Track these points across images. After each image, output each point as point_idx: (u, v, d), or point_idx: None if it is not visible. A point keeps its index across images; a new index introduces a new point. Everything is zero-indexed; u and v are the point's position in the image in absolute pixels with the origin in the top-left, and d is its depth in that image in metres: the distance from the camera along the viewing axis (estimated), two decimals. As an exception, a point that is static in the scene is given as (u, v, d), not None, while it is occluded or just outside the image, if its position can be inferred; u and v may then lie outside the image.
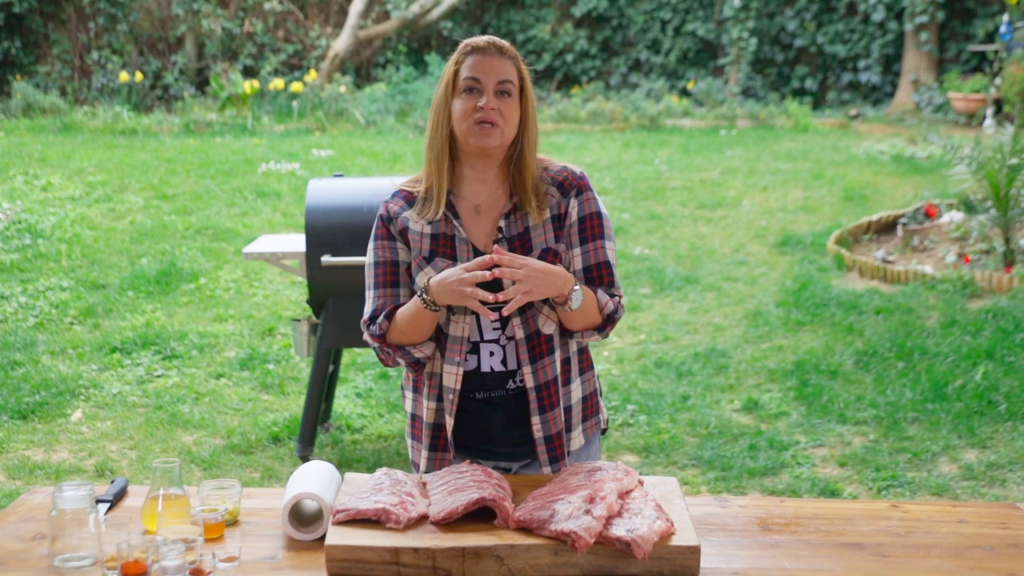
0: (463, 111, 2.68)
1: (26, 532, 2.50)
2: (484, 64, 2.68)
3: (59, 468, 5.25)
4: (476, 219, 2.76)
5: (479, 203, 2.76)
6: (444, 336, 2.74)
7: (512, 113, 2.70)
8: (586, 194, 2.78)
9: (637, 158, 12.50)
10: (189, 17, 17.56)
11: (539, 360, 2.75)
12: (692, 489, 4.98)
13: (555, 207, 2.76)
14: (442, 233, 2.74)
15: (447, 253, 2.73)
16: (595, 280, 2.76)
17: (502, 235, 2.73)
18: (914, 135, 13.03)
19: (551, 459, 2.81)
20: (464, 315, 2.72)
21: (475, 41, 2.72)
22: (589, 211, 2.77)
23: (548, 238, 2.75)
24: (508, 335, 2.74)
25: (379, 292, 2.76)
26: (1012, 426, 5.57)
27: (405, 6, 17.82)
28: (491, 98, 2.66)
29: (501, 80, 2.68)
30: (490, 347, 2.75)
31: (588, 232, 2.77)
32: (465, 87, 2.68)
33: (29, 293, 7.78)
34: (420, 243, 2.74)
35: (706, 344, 6.94)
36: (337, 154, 12.46)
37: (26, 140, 13.32)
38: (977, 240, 8.14)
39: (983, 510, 2.69)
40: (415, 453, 2.90)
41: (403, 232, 2.76)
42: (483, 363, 2.76)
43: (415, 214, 2.76)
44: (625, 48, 18.43)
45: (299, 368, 6.54)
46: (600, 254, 2.77)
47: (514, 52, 2.74)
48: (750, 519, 2.60)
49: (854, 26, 17.27)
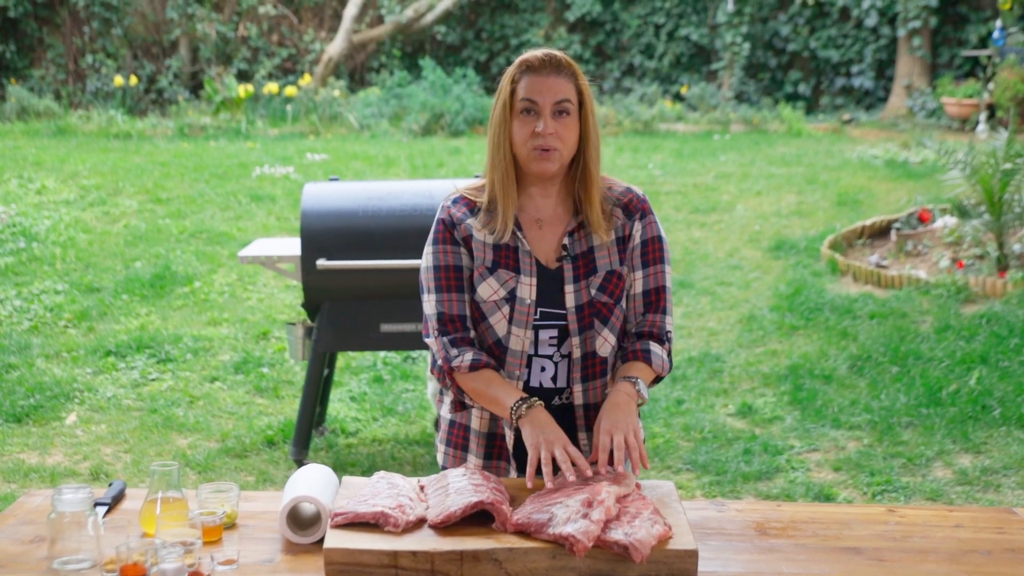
0: (522, 136, 2.65)
1: (25, 535, 2.50)
2: (540, 84, 2.63)
3: (54, 471, 5.24)
4: (539, 233, 2.73)
5: (541, 217, 2.74)
6: (503, 350, 2.71)
7: (570, 133, 2.66)
8: (649, 217, 2.78)
9: (631, 163, 12.52)
10: (183, 21, 17.55)
11: (591, 380, 2.74)
12: (687, 493, 4.99)
13: (620, 229, 2.75)
14: (505, 244, 2.72)
15: (510, 265, 2.70)
16: (652, 305, 2.76)
17: (567, 252, 2.71)
18: (907, 140, 13.07)
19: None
20: (524, 329, 2.69)
21: (531, 58, 2.66)
22: (652, 235, 2.78)
23: (612, 260, 2.74)
24: (564, 352, 2.73)
25: (443, 296, 2.72)
26: (1006, 431, 5.59)
27: (399, 10, 17.83)
28: (548, 122, 2.62)
29: (558, 100, 2.63)
30: (542, 362, 2.73)
31: (650, 256, 2.77)
32: (522, 108, 2.64)
33: (23, 296, 7.77)
34: (483, 252, 2.71)
35: (700, 348, 6.95)
36: (331, 158, 12.47)
37: (20, 144, 13.31)
38: (971, 245, 8.16)
39: (979, 515, 2.70)
40: (451, 461, 2.85)
41: (467, 239, 2.72)
42: (533, 377, 2.74)
43: (479, 224, 2.73)
44: (619, 53, 18.45)
45: (294, 372, 6.54)
46: (659, 279, 2.77)
47: (572, 66, 2.68)
48: (747, 523, 2.60)
49: (847, 31, 17.30)
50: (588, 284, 2.71)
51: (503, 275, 2.69)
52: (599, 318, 2.71)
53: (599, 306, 2.71)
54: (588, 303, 2.70)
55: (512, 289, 2.69)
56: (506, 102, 2.67)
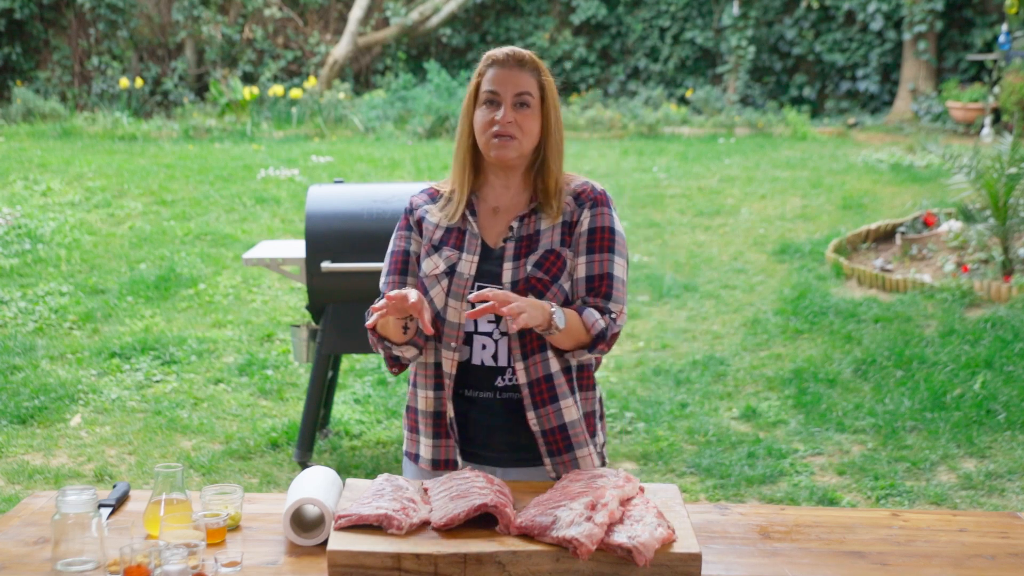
0: (482, 123, 2.76)
1: (29, 536, 2.51)
2: (503, 76, 2.75)
3: (58, 473, 5.25)
4: (493, 219, 2.83)
5: (499, 205, 2.84)
6: (442, 321, 2.77)
7: (531, 124, 2.76)
8: (601, 208, 2.81)
9: (635, 166, 12.52)
10: (189, 23, 17.57)
11: (530, 356, 2.75)
12: (690, 497, 4.98)
13: (568, 215, 2.81)
14: (456, 227, 2.82)
15: (456, 244, 2.80)
16: (595, 290, 2.76)
17: (512, 233, 2.79)
18: (913, 144, 13.05)
19: (551, 452, 2.78)
20: (461, 302, 2.75)
21: (496, 53, 2.80)
22: (601, 224, 2.79)
23: (554, 240, 2.78)
24: (502, 330, 2.77)
25: (389, 279, 2.84)
26: (1011, 435, 5.58)
27: (404, 13, 17.85)
28: (508, 111, 2.73)
29: (519, 92, 2.75)
30: (483, 340, 2.78)
31: (597, 244, 2.78)
32: (485, 99, 2.77)
33: (28, 298, 7.78)
34: (433, 232, 2.82)
35: (704, 352, 6.95)
36: (336, 160, 12.48)
37: (26, 145, 13.33)
38: (976, 249, 8.15)
39: (983, 519, 2.70)
40: (412, 444, 2.95)
41: (419, 222, 2.85)
42: (475, 355, 2.78)
43: (436, 209, 2.85)
44: (624, 56, 18.46)
45: (298, 374, 6.55)
46: (605, 266, 2.77)
47: (536, 62, 2.79)
48: (750, 527, 2.60)
49: (852, 35, 17.30)
50: (527, 261, 2.77)
51: (446, 252, 2.80)
52: (535, 293, 2.74)
53: (534, 282, 2.75)
54: (524, 279, 2.75)
55: (453, 264, 2.78)
56: (471, 94, 2.80)
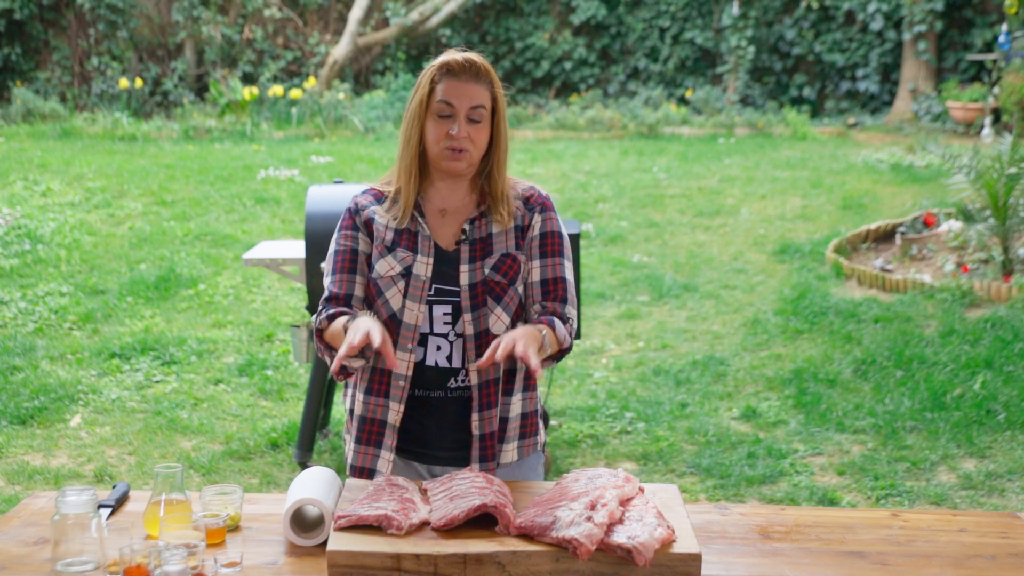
0: (436, 136, 2.74)
1: (29, 536, 2.51)
2: (458, 89, 2.73)
3: (58, 473, 5.25)
4: (441, 220, 2.83)
5: (446, 207, 2.84)
6: (398, 323, 2.77)
7: (482, 137, 2.76)
8: (549, 213, 2.87)
9: (635, 166, 12.52)
10: (189, 24, 17.57)
11: None
12: (690, 497, 4.98)
13: (519, 219, 2.84)
14: (406, 229, 2.81)
15: (409, 246, 2.79)
16: (550, 293, 2.83)
17: (465, 236, 2.80)
18: (912, 144, 13.05)
19: (482, 457, 2.81)
20: (419, 304, 2.76)
21: (451, 61, 2.75)
22: (552, 229, 2.86)
23: (509, 245, 2.82)
24: (458, 331, 2.78)
25: (336, 277, 2.82)
26: (1011, 435, 5.58)
27: (404, 13, 17.84)
28: (462, 125, 2.72)
29: (474, 106, 2.73)
30: (438, 341, 2.78)
31: (549, 248, 2.85)
32: (438, 111, 2.74)
33: (28, 298, 7.78)
34: (384, 233, 2.81)
35: (704, 352, 6.95)
36: (336, 160, 12.48)
37: (26, 146, 13.33)
38: (976, 249, 8.15)
39: (983, 519, 2.70)
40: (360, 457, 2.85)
41: (368, 223, 2.83)
42: (429, 356, 2.79)
43: (383, 210, 2.83)
44: (623, 56, 18.45)
45: (298, 374, 6.55)
46: (558, 270, 2.84)
47: (489, 72, 2.77)
48: (750, 527, 2.60)
49: (852, 35, 17.29)
50: (483, 264, 2.78)
51: (400, 254, 2.78)
52: (492, 296, 2.77)
53: (492, 284, 2.78)
54: (482, 282, 2.77)
55: (408, 266, 2.77)
56: (423, 100, 2.76)
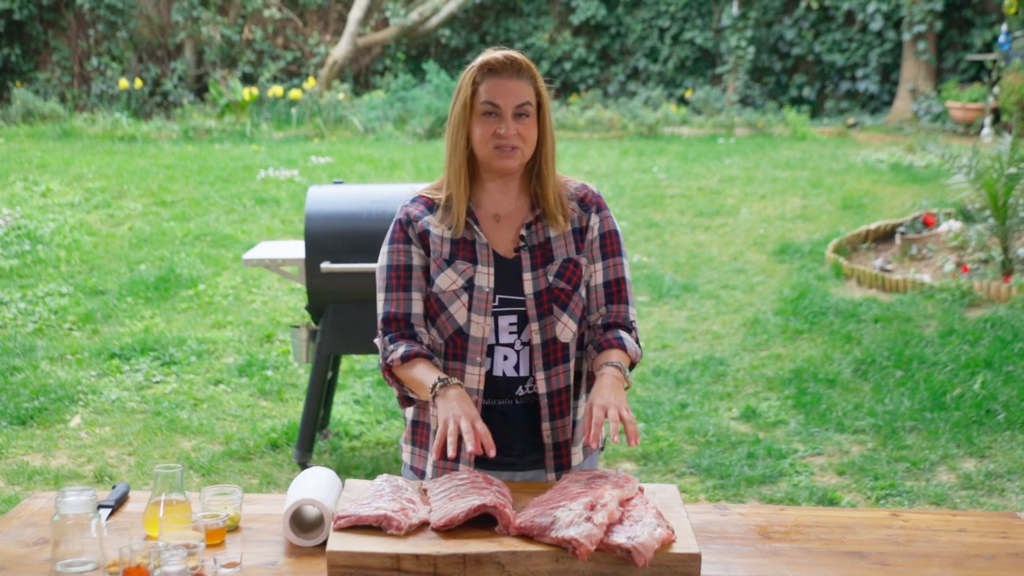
0: (483, 136, 2.69)
1: (28, 537, 2.51)
2: (502, 88, 2.68)
3: (58, 473, 5.24)
4: (496, 226, 2.78)
5: (499, 212, 2.79)
6: (464, 337, 2.74)
7: (531, 133, 2.72)
8: (605, 212, 2.85)
9: (635, 166, 12.52)
10: (188, 24, 17.57)
11: (553, 367, 2.76)
12: (690, 497, 4.98)
13: (576, 220, 2.81)
14: (462, 238, 2.76)
15: (467, 256, 2.74)
16: (614, 295, 2.82)
17: (524, 243, 2.76)
18: (912, 144, 13.05)
19: (557, 466, 2.81)
20: (484, 316, 2.72)
21: (492, 60, 2.71)
22: (609, 228, 2.84)
23: (569, 249, 2.79)
24: (524, 340, 2.75)
25: (392, 295, 2.76)
26: (1011, 435, 5.58)
27: (404, 14, 17.85)
28: (510, 123, 2.68)
29: (519, 103, 2.69)
30: (504, 351, 2.76)
31: (609, 248, 2.83)
32: (484, 111, 2.69)
33: (28, 299, 7.78)
34: (441, 246, 2.75)
35: (704, 352, 6.95)
36: (335, 161, 12.48)
37: (26, 146, 13.33)
38: (975, 249, 8.16)
39: (983, 519, 2.70)
40: (417, 459, 2.88)
41: (422, 236, 2.76)
42: (496, 367, 2.76)
43: (436, 220, 2.77)
44: (623, 56, 18.46)
45: (298, 374, 6.55)
46: (619, 270, 2.84)
47: (531, 68, 2.73)
48: (750, 527, 2.60)
49: (852, 35, 17.30)
50: (546, 272, 2.76)
51: (460, 266, 2.74)
52: (558, 304, 2.75)
53: (557, 292, 2.75)
54: (546, 289, 2.75)
55: (470, 278, 2.73)
56: (466, 103, 2.71)
